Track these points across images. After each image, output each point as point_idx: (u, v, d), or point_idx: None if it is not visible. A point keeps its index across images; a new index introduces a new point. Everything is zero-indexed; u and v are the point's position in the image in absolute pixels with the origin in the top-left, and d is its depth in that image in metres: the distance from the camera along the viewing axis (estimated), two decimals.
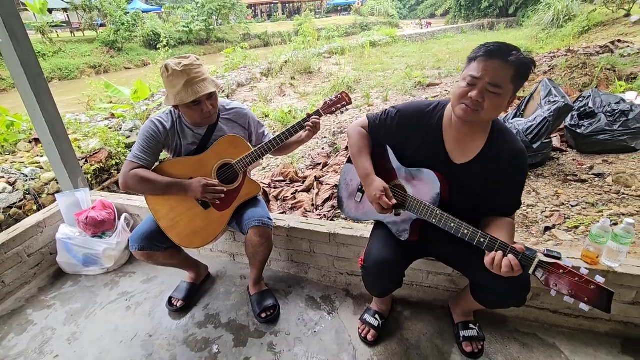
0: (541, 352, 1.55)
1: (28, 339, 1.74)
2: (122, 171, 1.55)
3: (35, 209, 3.36)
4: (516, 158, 1.23)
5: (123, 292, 2.02)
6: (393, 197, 1.32)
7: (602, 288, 0.97)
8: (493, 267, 1.10)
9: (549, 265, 1.04)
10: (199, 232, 1.64)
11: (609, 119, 3.19)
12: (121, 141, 4.63)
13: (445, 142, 1.30)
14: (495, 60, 1.09)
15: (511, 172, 1.24)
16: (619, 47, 7.27)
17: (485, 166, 1.25)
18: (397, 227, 1.41)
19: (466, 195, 1.29)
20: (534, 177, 3.04)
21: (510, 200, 1.30)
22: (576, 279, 1.00)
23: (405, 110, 1.38)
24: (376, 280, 1.45)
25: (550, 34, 13.10)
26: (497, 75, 1.09)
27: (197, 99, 1.47)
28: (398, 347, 1.60)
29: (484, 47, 1.13)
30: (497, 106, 1.13)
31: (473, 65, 1.14)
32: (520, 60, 1.09)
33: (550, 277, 1.04)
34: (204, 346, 1.66)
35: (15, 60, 1.90)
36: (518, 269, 1.07)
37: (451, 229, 1.21)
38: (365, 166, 1.40)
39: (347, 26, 27.56)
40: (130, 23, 19.71)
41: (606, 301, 0.97)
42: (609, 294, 0.97)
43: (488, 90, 1.11)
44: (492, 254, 1.11)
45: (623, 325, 1.59)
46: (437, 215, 1.24)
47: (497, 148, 1.24)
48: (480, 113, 1.14)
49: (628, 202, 2.53)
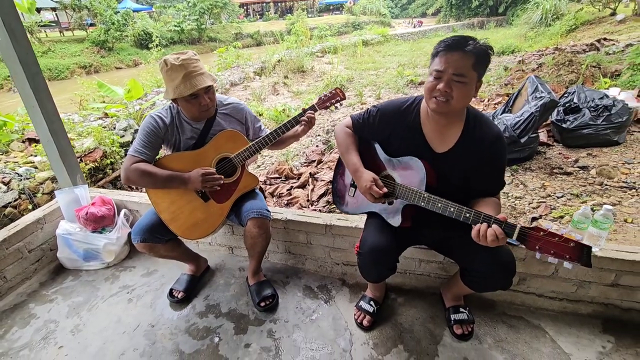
0: (527, 333, 1.63)
1: (32, 332, 1.78)
2: (124, 165, 1.60)
3: (30, 208, 3.37)
4: (494, 142, 1.31)
5: (124, 286, 2.06)
6: (383, 186, 1.39)
7: (580, 244, 1.05)
8: (480, 238, 1.18)
9: (530, 230, 1.12)
10: (200, 224, 1.69)
11: (593, 114, 3.30)
12: (115, 140, 4.63)
13: (425, 133, 1.39)
14: (455, 52, 1.18)
15: (491, 156, 1.32)
16: (605, 45, 7.45)
17: (465, 152, 1.34)
18: (390, 214, 1.48)
19: (452, 181, 1.37)
20: (521, 171, 3.14)
21: (493, 182, 1.38)
22: (556, 239, 1.07)
23: (385, 109, 1.48)
24: (371, 267, 1.52)
25: (538, 33, 13.33)
26: (459, 66, 1.18)
27: (195, 92, 1.53)
28: (392, 331, 1.67)
29: (443, 42, 1.22)
30: (465, 94, 1.22)
31: (436, 60, 1.23)
32: (478, 48, 1.18)
33: (533, 241, 1.11)
34: (206, 334, 1.72)
35: (14, 58, 1.93)
36: (502, 236, 1.14)
37: (438, 208, 1.29)
38: (353, 161, 1.49)
39: (339, 25, 27.65)
40: (121, 22, 19.54)
41: (586, 256, 1.04)
42: (588, 249, 1.04)
43: (454, 80, 1.20)
44: (478, 226, 1.19)
45: (604, 307, 1.68)
46: (424, 198, 1.32)
47: (474, 134, 1.33)
48: (451, 103, 1.23)
49: (610, 192, 2.64)
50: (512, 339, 1.61)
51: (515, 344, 1.58)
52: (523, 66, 6.79)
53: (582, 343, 1.57)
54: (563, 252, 1.07)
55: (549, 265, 1.65)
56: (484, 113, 1.42)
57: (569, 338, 1.60)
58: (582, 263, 1.05)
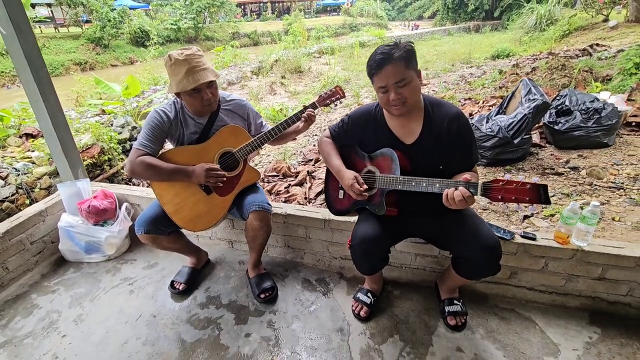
0: (518, 324, 1.70)
1: (35, 321, 1.81)
2: (129, 158, 1.64)
3: (27, 203, 3.38)
4: (454, 120, 1.43)
5: (125, 278, 2.09)
6: (364, 183, 1.51)
7: (536, 185, 1.15)
8: (449, 202, 1.28)
9: (490, 183, 1.22)
10: (202, 216, 1.73)
11: (584, 117, 3.39)
12: (113, 137, 4.64)
13: (392, 129, 1.53)
14: (386, 66, 1.32)
15: (456, 134, 1.43)
16: (597, 50, 7.59)
17: (432, 138, 1.45)
18: (375, 206, 1.57)
19: (427, 166, 1.46)
20: (515, 171, 3.22)
21: (465, 158, 1.48)
22: (514, 186, 1.18)
23: (354, 115, 1.64)
24: (363, 258, 1.59)
25: (533, 37, 13.52)
26: (396, 74, 1.32)
27: (198, 86, 1.57)
28: (388, 322, 1.73)
29: (371, 65, 1.36)
30: (414, 89, 1.36)
31: (376, 80, 1.37)
32: (402, 52, 1.31)
33: (495, 192, 1.21)
34: (207, 324, 1.76)
35: (20, 52, 1.96)
36: (467, 194, 1.25)
37: (413, 187, 1.40)
38: (335, 164, 1.63)
39: (336, 26, 27.71)
40: (117, 20, 19.41)
41: (544, 194, 1.14)
42: (544, 187, 1.13)
43: (399, 86, 1.33)
44: (445, 191, 1.30)
45: (591, 300, 1.75)
46: (400, 181, 1.42)
47: (435, 119, 1.45)
48: (407, 103, 1.36)
49: (599, 192, 2.72)
50: (504, 329, 1.67)
51: (506, 334, 1.64)
52: (517, 70, 6.90)
53: (570, 334, 1.63)
54: (523, 196, 1.16)
55: (539, 260, 1.72)
56: (440, 98, 1.56)
57: (557, 329, 1.66)
58: (542, 202, 1.14)
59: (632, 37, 8.94)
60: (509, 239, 1.71)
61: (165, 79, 8.95)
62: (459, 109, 1.47)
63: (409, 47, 1.34)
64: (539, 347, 1.57)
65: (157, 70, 9.41)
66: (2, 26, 1.89)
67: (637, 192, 2.66)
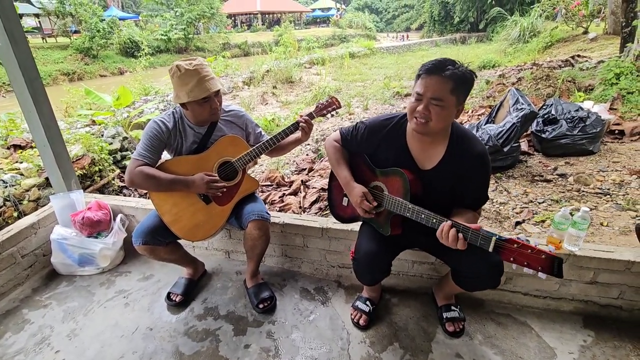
0: (514, 329, 1.72)
1: (26, 337, 1.76)
2: (128, 169, 1.63)
3: (15, 216, 3.30)
4: (476, 158, 1.37)
5: (120, 290, 2.06)
6: (373, 200, 1.48)
7: (551, 257, 1.10)
8: (441, 237, 1.25)
9: (504, 242, 1.17)
10: (201, 225, 1.73)
11: (570, 125, 3.51)
12: (104, 147, 4.59)
13: (411, 150, 1.46)
14: (434, 76, 1.24)
15: (474, 174, 1.39)
16: (579, 61, 7.87)
17: (449, 169, 1.40)
18: (379, 225, 1.55)
19: (436, 195, 1.44)
20: (505, 178, 3.29)
21: (475, 197, 1.45)
22: (529, 251, 1.13)
23: (372, 126, 1.54)
24: (366, 271, 1.59)
25: (517, 49, 13.92)
26: (437, 90, 1.23)
27: (208, 95, 1.59)
28: (388, 330, 1.74)
29: (424, 65, 1.28)
30: (444, 117, 1.28)
31: (418, 83, 1.29)
32: (456, 73, 1.23)
33: (507, 252, 1.17)
34: (205, 336, 1.74)
35: (14, 63, 1.95)
36: (462, 241, 1.21)
37: (422, 219, 1.34)
38: (344, 175, 1.58)
39: (326, 37, 28.14)
40: (106, 30, 19.32)
41: (557, 267, 1.10)
42: (559, 261, 1.09)
43: (432, 103, 1.25)
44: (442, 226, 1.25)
45: (584, 304, 1.79)
46: (409, 209, 1.38)
47: (458, 152, 1.39)
48: (429, 124, 1.29)
49: (587, 198, 2.80)
50: (501, 335, 1.69)
51: (503, 339, 1.67)
52: (504, 80, 7.10)
53: (565, 338, 1.67)
54: (536, 264, 1.12)
55: None
56: (469, 130, 1.49)
57: (552, 333, 1.69)
58: (554, 274, 1.10)
59: (610, 49, 9.29)
60: None
61: (156, 89, 8.91)
62: (484, 148, 1.41)
63: (468, 74, 1.25)
64: (535, 352, 1.60)
65: (147, 81, 9.38)
66: None
67: (623, 197, 2.75)
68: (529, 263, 1.13)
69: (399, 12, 45.34)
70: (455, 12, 27.47)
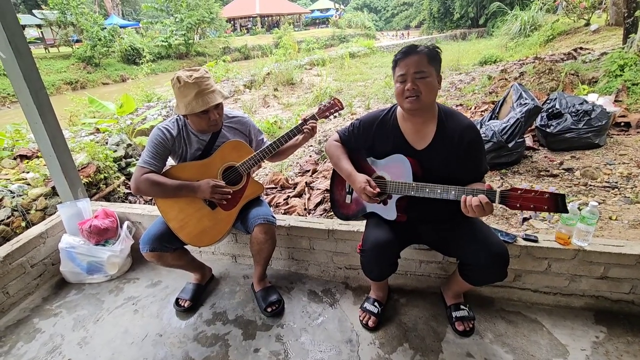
0: (525, 327, 1.71)
1: (38, 346, 1.77)
2: (134, 176, 1.64)
3: (23, 225, 3.33)
4: (466, 130, 1.45)
5: (129, 297, 2.07)
6: (376, 186, 1.51)
7: (554, 194, 1.16)
8: (467, 209, 1.30)
9: (508, 192, 1.23)
10: (208, 231, 1.73)
11: (574, 119, 3.48)
12: (109, 155, 4.62)
13: (404, 134, 1.53)
14: (410, 56, 1.37)
15: (467, 144, 1.45)
16: (581, 53, 7.81)
17: (443, 145, 1.47)
18: (386, 211, 1.59)
19: (437, 173, 1.48)
20: (510, 174, 3.27)
21: (475, 168, 1.50)
22: (532, 194, 1.19)
23: (366, 120, 1.64)
24: (374, 263, 1.59)
25: (518, 43, 13.85)
26: (418, 64, 1.36)
27: (206, 109, 1.59)
28: (397, 331, 1.73)
29: (398, 53, 1.42)
30: (431, 87, 1.38)
31: (397, 69, 1.41)
32: (427, 48, 1.38)
33: (513, 200, 1.22)
34: (215, 341, 1.74)
35: (19, 74, 1.97)
36: (486, 201, 1.26)
37: (427, 193, 1.41)
38: (346, 168, 1.63)
39: (325, 38, 28.16)
40: (108, 38, 19.48)
41: (561, 203, 1.15)
42: (562, 197, 1.15)
43: (417, 77, 1.36)
44: (464, 197, 1.31)
45: (595, 299, 1.77)
46: (413, 187, 1.43)
47: (448, 128, 1.47)
48: (421, 98, 1.38)
49: (595, 192, 2.78)
50: (512, 333, 1.68)
51: (514, 337, 1.65)
52: (506, 75, 7.05)
53: (577, 334, 1.65)
54: (541, 205, 1.17)
55: (542, 261, 1.74)
56: (454, 108, 1.59)
57: (564, 330, 1.68)
58: (560, 211, 1.15)
59: (613, 40, 9.21)
60: (511, 242, 1.74)
61: (159, 95, 8.97)
62: (470, 121, 1.49)
63: (436, 48, 1.40)
64: (547, 349, 1.58)
65: (149, 87, 9.44)
66: (2, 50, 1.90)
67: (632, 190, 2.72)
68: (535, 205, 1.19)
69: (397, 10, 45.29)
70: (454, 8, 27.38)
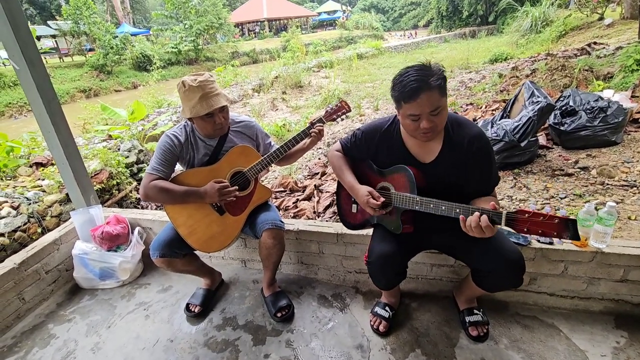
0: (541, 332, 1.66)
1: (52, 352, 1.80)
2: (142, 183, 1.66)
3: (39, 231, 3.41)
4: (474, 141, 1.37)
5: (140, 303, 2.09)
6: (380, 197, 1.47)
7: (564, 219, 1.07)
8: (467, 229, 1.22)
9: (515, 214, 1.15)
10: (216, 236, 1.74)
11: (589, 116, 3.38)
12: (121, 161, 4.70)
13: (409, 148, 1.47)
14: (422, 94, 1.22)
15: (475, 155, 1.37)
16: (595, 49, 7.61)
17: (450, 157, 1.40)
18: (391, 224, 1.54)
19: (444, 187, 1.42)
20: (523, 174, 3.20)
21: (484, 180, 1.43)
22: (541, 219, 1.10)
23: (367, 130, 1.58)
24: (380, 273, 1.57)
25: (529, 40, 13.61)
26: (432, 103, 1.24)
27: (211, 111, 1.60)
28: (409, 336, 1.70)
29: (404, 89, 1.23)
30: (444, 116, 1.31)
31: (407, 107, 1.27)
32: (437, 79, 1.22)
33: (520, 224, 1.14)
34: (225, 347, 1.74)
35: (32, 85, 2.01)
36: (486, 224, 1.17)
37: (431, 209, 1.34)
38: (348, 180, 1.58)
39: (333, 40, 28.21)
40: (119, 46, 19.92)
41: (572, 229, 1.05)
42: (573, 222, 1.05)
43: (432, 114, 1.26)
44: (462, 218, 1.23)
45: (615, 303, 1.71)
46: (417, 202, 1.37)
47: (455, 138, 1.39)
48: (436, 129, 1.31)
49: (612, 191, 2.69)
50: (527, 338, 1.63)
51: (530, 343, 1.60)
52: (517, 72, 6.93)
53: (597, 339, 1.59)
54: (550, 230, 1.09)
55: (558, 264, 1.69)
56: (460, 115, 1.49)
57: (583, 335, 1.62)
58: (569, 237, 1.07)
59: (629, 34, 8.97)
60: (525, 244, 1.69)
61: (169, 101, 9.10)
62: (480, 129, 1.41)
63: (443, 73, 1.26)
64: (565, 355, 1.53)
65: (160, 93, 9.59)
66: (15, 61, 1.95)
67: None
68: (543, 231, 1.11)
69: (405, 10, 45.11)
70: (463, 6, 27.08)
